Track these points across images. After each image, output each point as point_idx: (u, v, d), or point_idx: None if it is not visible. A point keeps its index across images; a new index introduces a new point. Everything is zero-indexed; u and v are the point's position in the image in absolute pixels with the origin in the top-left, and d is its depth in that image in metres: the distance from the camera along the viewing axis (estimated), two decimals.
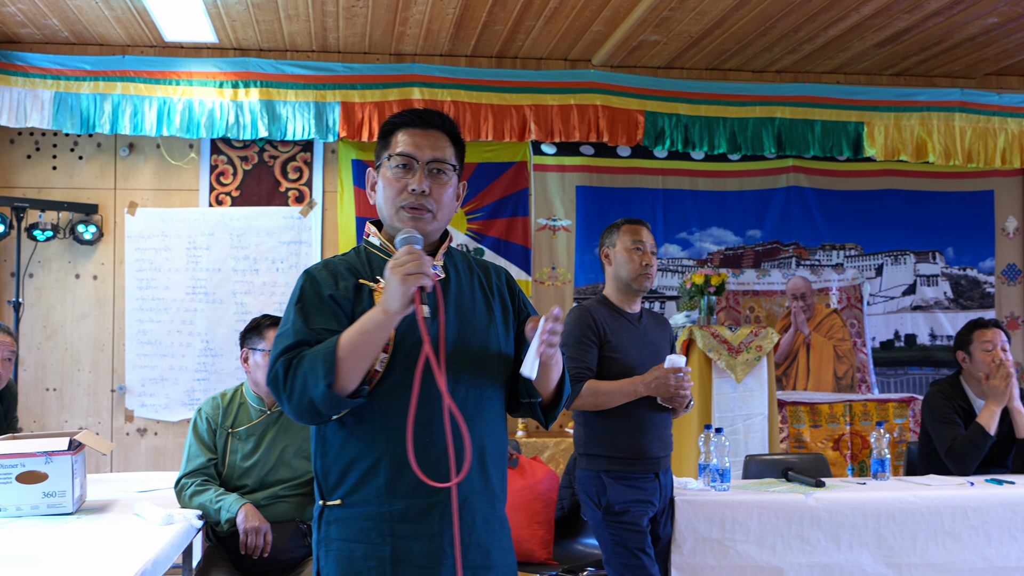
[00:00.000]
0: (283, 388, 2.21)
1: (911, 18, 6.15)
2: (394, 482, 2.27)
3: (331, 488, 2.32)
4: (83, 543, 3.19)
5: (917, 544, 4.14)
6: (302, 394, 2.18)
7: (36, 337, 6.58)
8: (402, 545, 2.26)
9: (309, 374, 2.17)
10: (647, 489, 3.85)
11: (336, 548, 2.29)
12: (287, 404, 2.22)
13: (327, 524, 2.32)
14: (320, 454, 2.35)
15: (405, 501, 2.27)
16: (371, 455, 2.28)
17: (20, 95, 6.33)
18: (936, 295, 7.53)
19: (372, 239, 2.48)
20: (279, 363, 2.22)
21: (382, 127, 2.48)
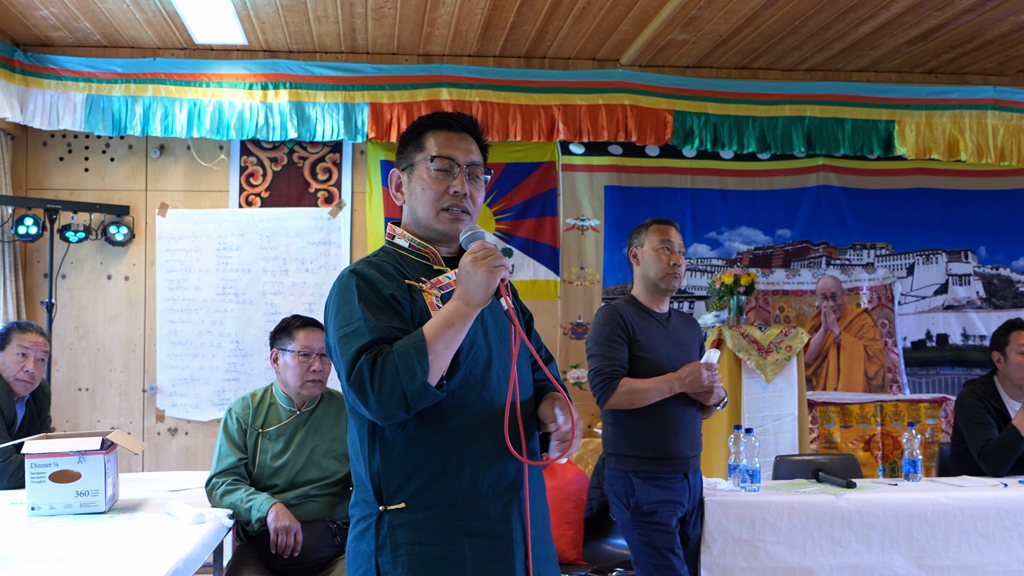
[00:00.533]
0: (371, 386, 2.17)
1: (943, 15, 6.10)
2: (468, 482, 2.27)
3: (393, 492, 2.28)
4: (115, 542, 3.21)
5: (950, 546, 4.11)
6: (394, 390, 2.16)
7: (69, 337, 6.64)
8: (479, 543, 2.27)
9: (403, 370, 2.15)
10: (676, 489, 3.83)
11: (406, 552, 2.25)
12: (375, 402, 2.18)
13: (391, 528, 2.27)
14: (380, 457, 2.30)
15: (479, 500, 2.28)
16: (442, 456, 2.27)
17: (53, 98, 6.39)
18: (968, 294, 7.46)
19: (399, 240, 2.48)
20: (363, 361, 2.19)
21: (411, 128, 2.48)
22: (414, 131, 2.47)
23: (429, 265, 2.43)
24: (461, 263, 2.23)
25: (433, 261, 2.44)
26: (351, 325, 2.25)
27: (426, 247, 2.44)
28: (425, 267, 2.42)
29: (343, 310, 2.29)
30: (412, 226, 2.47)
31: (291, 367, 4.00)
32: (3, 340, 4.44)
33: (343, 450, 4.06)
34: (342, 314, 2.29)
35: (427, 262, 2.44)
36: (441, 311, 2.23)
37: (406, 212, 2.48)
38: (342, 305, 2.30)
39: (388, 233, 2.52)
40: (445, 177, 2.40)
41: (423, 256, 2.44)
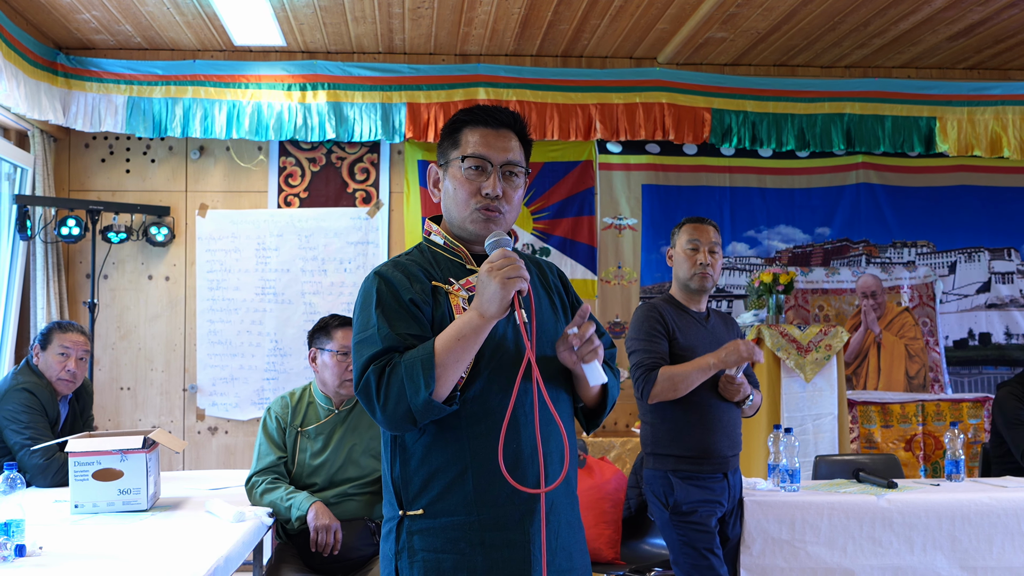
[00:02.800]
0: (376, 397, 2.16)
1: (984, 10, 6.03)
2: (483, 490, 2.23)
3: (412, 498, 2.26)
4: (157, 539, 3.24)
5: (993, 547, 4.06)
6: (398, 403, 2.14)
7: (110, 337, 6.71)
8: (493, 554, 2.22)
9: (407, 382, 2.12)
10: (715, 489, 3.81)
11: (422, 559, 2.24)
12: (380, 413, 2.17)
13: (409, 534, 2.26)
14: (400, 463, 2.28)
15: (494, 509, 2.23)
16: (457, 464, 2.23)
17: (95, 100, 6.46)
18: (1012, 293, 7.36)
19: (435, 237, 2.43)
20: (370, 371, 2.17)
21: (449, 123, 2.42)
22: (451, 126, 2.40)
23: (462, 264, 2.38)
24: (479, 272, 2.18)
25: (465, 260, 2.38)
26: (366, 332, 2.23)
27: (457, 246, 2.39)
28: (458, 266, 2.37)
29: (362, 315, 2.28)
30: (448, 223, 2.42)
31: (329, 366, 4.02)
32: (45, 340, 4.49)
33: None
34: (360, 319, 2.28)
35: (460, 261, 2.38)
36: (455, 322, 2.19)
37: (443, 211, 2.43)
38: (362, 309, 2.29)
39: (425, 229, 2.48)
40: (477, 177, 2.33)
41: (455, 255, 2.39)
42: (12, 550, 2.89)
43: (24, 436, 4.24)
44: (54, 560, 2.91)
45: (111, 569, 2.81)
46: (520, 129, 2.41)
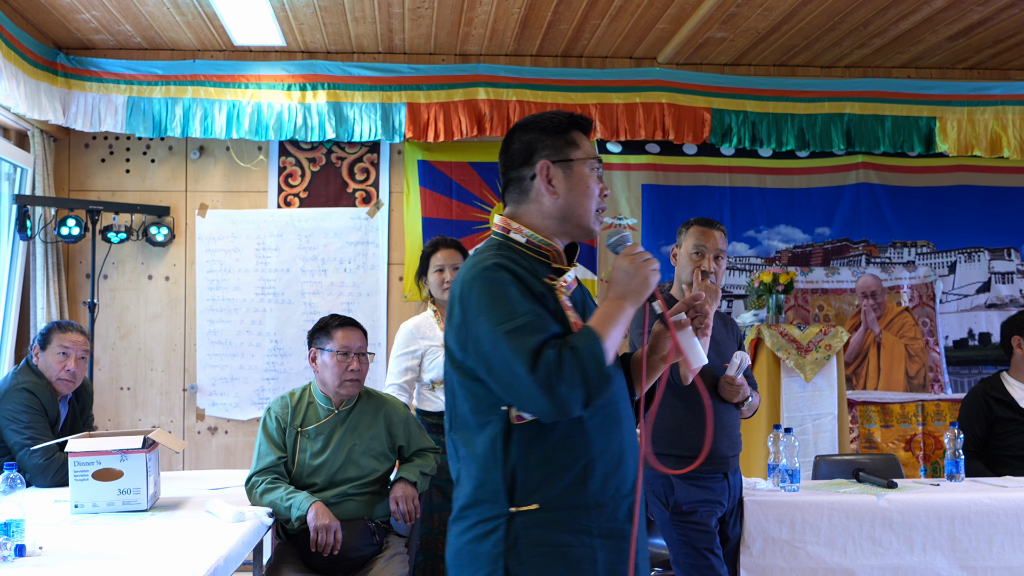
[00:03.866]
0: (559, 380, 2.14)
1: (984, 10, 6.03)
2: (601, 484, 2.28)
3: (528, 492, 2.25)
4: (157, 539, 3.24)
5: (993, 547, 4.06)
6: (581, 385, 2.15)
7: (110, 337, 6.71)
8: (608, 544, 2.29)
9: (590, 365, 2.16)
10: (715, 489, 3.82)
11: (542, 553, 2.24)
12: (562, 396, 2.15)
13: (524, 530, 2.25)
14: (519, 457, 2.26)
15: (608, 502, 2.30)
16: (583, 458, 2.27)
17: (94, 100, 6.45)
18: (1012, 293, 7.37)
19: (515, 235, 2.42)
20: (548, 354, 2.16)
21: (555, 122, 2.46)
22: (562, 127, 2.45)
23: (547, 263, 2.40)
24: (619, 264, 2.31)
25: (553, 259, 2.41)
26: (518, 319, 2.21)
27: (548, 245, 2.41)
28: (543, 264, 2.39)
29: (500, 304, 2.24)
30: (539, 221, 2.43)
31: (329, 366, 4.02)
32: (44, 340, 4.49)
33: (381, 448, 4.08)
34: (499, 308, 2.23)
35: (546, 260, 2.40)
36: (603, 311, 2.26)
37: (548, 207, 2.42)
38: (496, 299, 2.24)
39: (501, 227, 2.46)
40: (599, 180, 2.46)
41: (542, 253, 2.40)
42: (12, 550, 2.89)
43: (24, 436, 4.24)
44: (54, 560, 2.91)
45: (111, 569, 2.82)
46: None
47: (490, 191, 6.94)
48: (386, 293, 6.82)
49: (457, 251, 4.64)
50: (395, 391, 4.47)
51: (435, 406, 4.52)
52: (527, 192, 2.43)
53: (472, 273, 2.30)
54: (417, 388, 4.60)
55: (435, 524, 4.41)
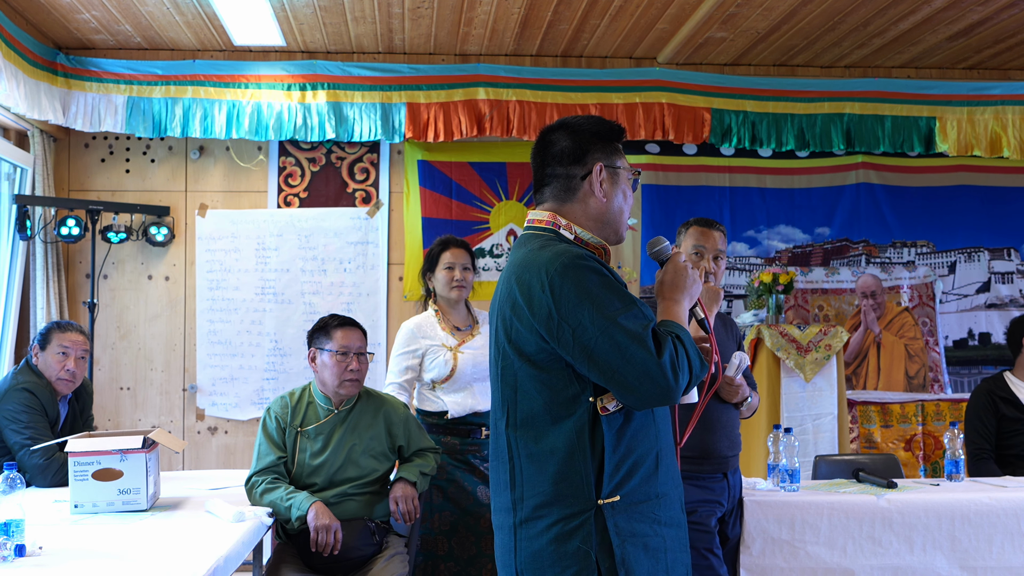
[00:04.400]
0: (680, 367, 2.26)
1: (984, 10, 6.03)
2: (666, 472, 2.38)
3: (614, 485, 2.28)
4: (157, 539, 3.24)
5: (993, 547, 4.06)
6: (690, 373, 2.28)
7: (110, 337, 6.71)
8: (671, 532, 2.36)
9: (694, 354, 2.30)
10: (715, 489, 3.81)
11: (630, 545, 2.27)
12: (682, 382, 2.27)
13: (612, 523, 2.27)
14: (606, 450, 2.28)
15: (671, 492, 2.38)
16: (653, 449, 2.35)
17: (94, 100, 6.45)
18: (1011, 293, 7.37)
19: (564, 232, 2.47)
20: (668, 340, 2.27)
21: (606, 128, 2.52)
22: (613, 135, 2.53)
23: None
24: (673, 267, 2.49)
25: (600, 257, 2.48)
26: (629, 306, 2.28)
27: (599, 244, 2.50)
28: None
29: (604, 293, 2.28)
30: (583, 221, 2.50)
31: (328, 366, 4.02)
32: (44, 340, 4.49)
33: (381, 448, 4.08)
34: (605, 297, 2.27)
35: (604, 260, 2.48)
36: (669, 308, 2.43)
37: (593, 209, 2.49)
38: (599, 288, 2.29)
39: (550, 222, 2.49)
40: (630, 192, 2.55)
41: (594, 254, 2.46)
42: (12, 550, 2.89)
43: (24, 436, 4.24)
44: (54, 560, 2.91)
45: (111, 569, 2.82)
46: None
47: (490, 191, 6.94)
48: (386, 293, 6.83)
49: (466, 252, 4.62)
50: (395, 390, 4.46)
51: (435, 406, 4.51)
52: (574, 191, 2.48)
53: (562, 261, 2.31)
54: (417, 388, 4.60)
55: (435, 524, 4.41)
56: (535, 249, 2.39)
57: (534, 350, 2.32)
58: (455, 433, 4.48)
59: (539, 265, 2.33)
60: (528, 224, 2.55)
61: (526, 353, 2.34)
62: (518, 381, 2.36)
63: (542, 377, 2.32)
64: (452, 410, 4.45)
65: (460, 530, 4.39)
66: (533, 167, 2.56)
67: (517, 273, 2.38)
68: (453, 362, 4.45)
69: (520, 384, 2.35)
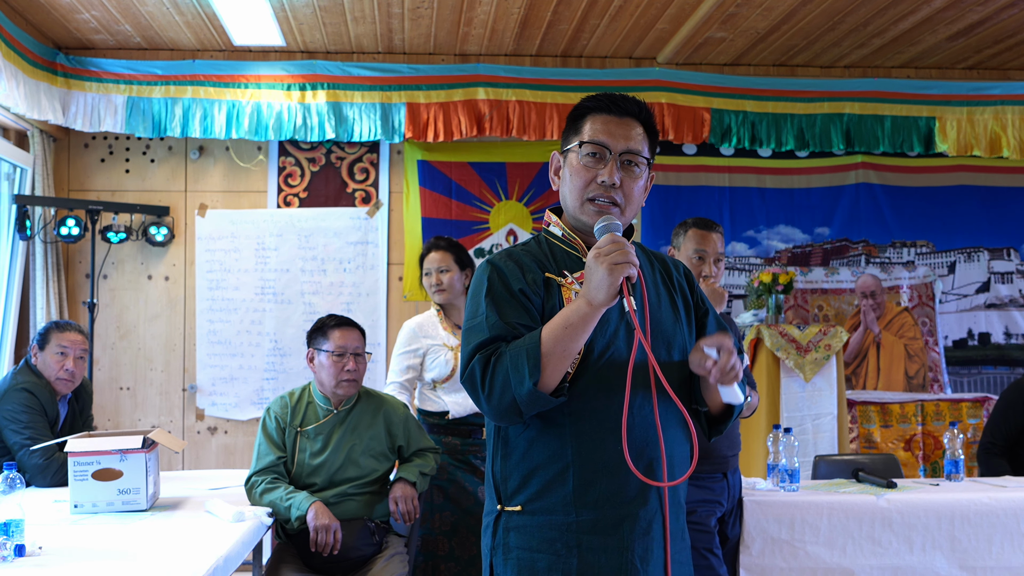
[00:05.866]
0: (481, 387, 2.11)
1: (984, 10, 6.03)
2: (583, 491, 2.16)
3: (511, 493, 2.22)
4: (157, 539, 3.24)
5: (992, 547, 4.06)
6: (503, 393, 2.08)
7: (110, 337, 6.71)
8: (589, 558, 2.16)
9: (512, 372, 2.07)
10: (715, 489, 3.81)
11: (516, 556, 2.20)
12: (485, 403, 2.13)
13: (505, 531, 2.23)
14: (500, 457, 2.24)
15: (594, 512, 2.16)
16: (559, 462, 2.17)
17: (94, 100, 6.45)
18: (1011, 293, 7.37)
19: (553, 228, 2.36)
20: (476, 360, 2.12)
21: (573, 110, 2.34)
22: (576, 113, 2.33)
23: (579, 257, 2.30)
24: (587, 259, 2.07)
25: (582, 253, 2.30)
26: (474, 320, 2.20)
27: (574, 238, 2.32)
28: (575, 259, 2.31)
29: (472, 303, 2.25)
30: (567, 215, 2.36)
31: (326, 367, 4.03)
32: (43, 340, 4.48)
33: (381, 448, 4.08)
34: (470, 308, 2.24)
35: (576, 253, 2.31)
36: (562, 311, 2.11)
37: (560, 199, 2.37)
38: (472, 298, 2.25)
39: (544, 220, 2.41)
40: (595, 165, 2.25)
41: (572, 247, 2.32)
42: (12, 550, 2.89)
43: (24, 436, 4.24)
44: (54, 560, 2.91)
45: (111, 569, 2.82)
46: (646, 119, 2.33)
47: (489, 191, 6.94)
48: (386, 293, 6.82)
49: (449, 253, 4.58)
50: (396, 389, 4.46)
51: (436, 406, 4.51)
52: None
53: (477, 269, 2.31)
54: (419, 388, 4.60)
55: (435, 524, 4.40)
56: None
57: None
58: (456, 433, 4.48)
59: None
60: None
61: None
62: None
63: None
64: (453, 410, 4.45)
65: (461, 530, 4.39)
66: None
67: None
68: (454, 362, 4.45)
69: None
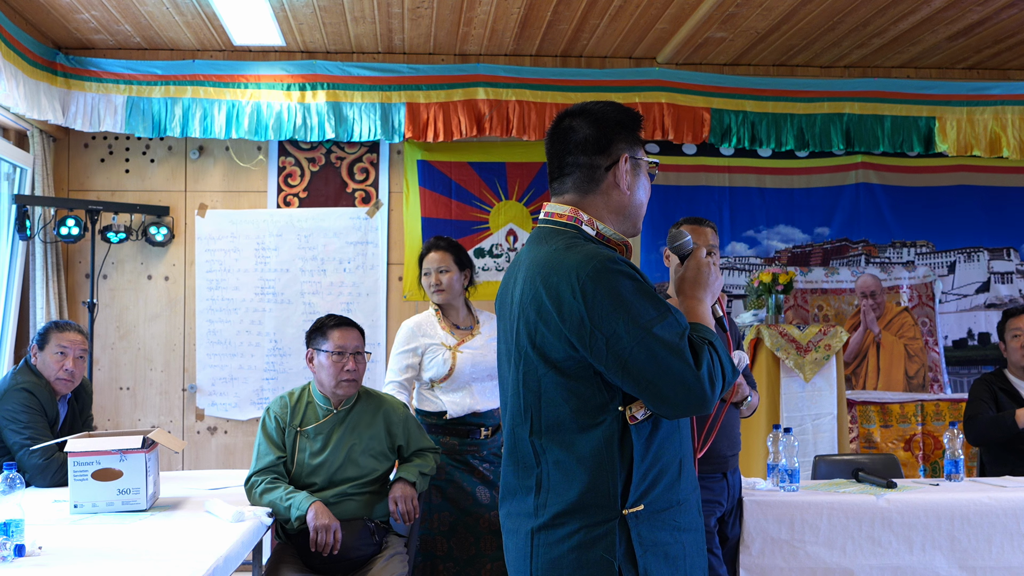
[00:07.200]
0: (715, 375, 2.17)
1: (984, 10, 6.03)
2: (687, 481, 2.33)
3: (640, 494, 2.21)
4: (157, 539, 3.24)
5: (992, 547, 4.06)
6: (722, 379, 2.19)
7: (110, 337, 6.71)
8: (691, 538, 2.32)
9: (726, 360, 2.22)
10: (715, 489, 3.82)
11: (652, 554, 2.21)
12: (717, 391, 2.18)
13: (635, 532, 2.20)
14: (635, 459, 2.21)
15: (690, 498, 2.34)
16: (677, 456, 2.30)
17: (94, 100, 6.45)
18: (1011, 292, 7.37)
19: (586, 228, 2.34)
20: (705, 349, 2.17)
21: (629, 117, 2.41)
22: (636, 124, 2.42)
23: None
24: (695, 263, 2.40)
25: (622, 254, 2.35)
26: (664, 315, 2.16)
27: (621, 240, 2.37)
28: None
29: (638, 300, 2.16)
30: (604, 214, 2.38)
31: (325, 367, 4.03)
32: (42, 340, 4.48)
33: (381, 448, 4.08)
34: (639, 304, 2.16)
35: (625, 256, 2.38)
36: (692, 308, 2.34)
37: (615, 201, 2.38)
38: (632, 294, 2.17)
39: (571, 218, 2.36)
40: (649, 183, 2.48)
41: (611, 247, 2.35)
42: (11, 550, 2.89)
43: (23, 436, 4.24)
44: (53, 560, 2.91)
45: (111, 569, 2.82)
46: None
47: (489, 191, 6.94)
48: (385, 293, 6.82)
49: (449, 253, 4.57)
50: (394, 389, 4.46)
51: (434, 406, 4.51)
52: (597, 182, 2.36)
53: (593, 266, 2.18)
54: (416, 388, 4.60)
55: (434, 524, 4.41)
56: (560, 249, 2.26)
57: (562, 357, 2.22)
58: (454, 433, 4.48)
59: (568, 268, 2.20)
60: (547, 217, 2.41)
61: (552, 359, 2.23)
62: (542, 387, 2.26)
63: (569, 385, 2.22)
64: (451, 410, 4.45)
65: (459, 530, 4.39)
66: (550, 155, 2.42)
67: (543, 274, 2.25)
68: (452, 361, 4.45)
69: (544, 390, 2.26)
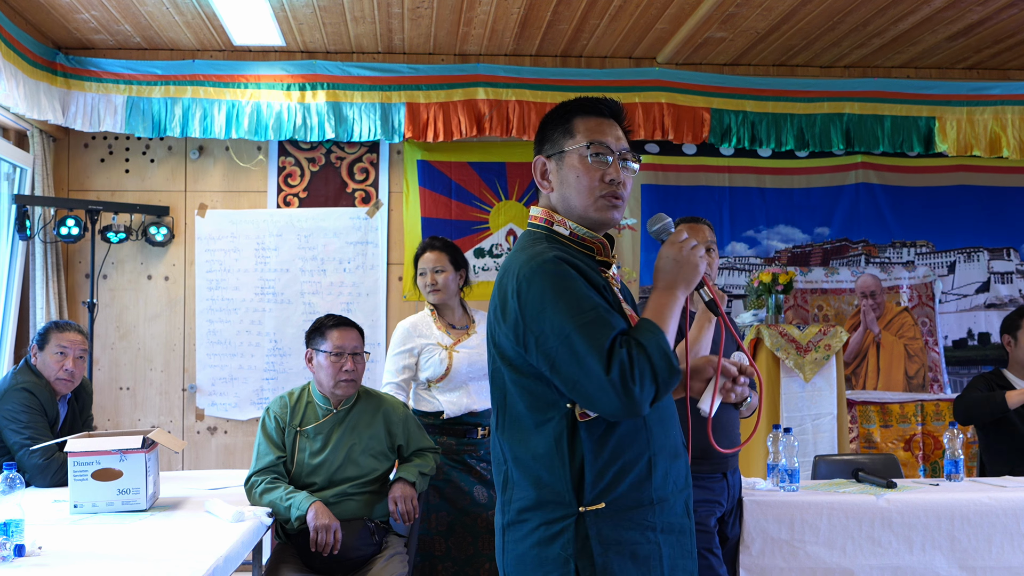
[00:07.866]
0: (632, 379, 2.08)
1: (984, 10, 6.03)
2: (663, 479, 2.27)
3: (598, 492, 2.20)
4: (156, 539, 3.24)
5: (992, 547, 4.06)
6: (652, 382, 2.10)
7: (110, 337, 6.71)
8: (670, 539, 2.27)
9: (659, 360, 2.11)
10: (715, 489, 3.82)
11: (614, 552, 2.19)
12: (636, 394, 2.09)
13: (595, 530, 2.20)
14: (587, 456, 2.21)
15: (669, 497, 2.28)
16: (644, 454, 2.24)
17: (94, 100, 6.45)
18: (1011, 293, 7.37)
19: (558, 228, 2.37)
20: (621, 352, 2.10)
21: (557, 113, 2.40)
22: (561, 116, 2.39)
23: (592, 255, 2.36)
24: (666, 252, 2.29)
25: (598, 252, 2.37)
26: (586, 314, 2.14)
27: (594, 237, 2.36)
28: (588, 257, 2.35)
29: (565, 299, 2.17)
30: (566, 214, 2.38)
31: (324, 367, 4.03)
32: (42, 340, 4.49)
33: (380, 448, 4.08)
34: (565, 303, 2.16)
35: (591, 252, 2.36)
36: (657, 302, 2.24)
37: (556, 200, 2.39)
38: (561, 293, 2.17)
39: (543, 219, 2.40)
40: (600, 164, 2.33)
41: (586, 246, 2.36)
42: (11, 550, 2.89)
43: (23, 436, 4.24)
44: (53, 560, 2.91)
45: (110, 569, 2.82)
46: (622, 120, 2.45)
47: (489, 191, 6.94)
48: (385, 293, 6.82)
49: (445, 253, 4.58)
50: (392, 390, 4.46)
51: (431, 406, 4.51)
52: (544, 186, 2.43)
53: (531, 266, 2.22)
54: (413, 388, 4.60)
55: (432, 524, 4.41)
56: (517, 250, 2.33)
57: (512, 355, 2.27)
58: (451, 433, 4.48)
59: (513, 269, 2.26)
60: (529, 220, 2.46)
61: (507, 357, 2.29)
62: (505, 384, 2.31)
63: (522, 381, 2.26)
64: (448, 410, 4.45)
65: (457, 530, 4.39)
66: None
67: (499, 276, 2.33)
68: (448, 361, 4.45)
69: (507, 388, 2.30)
